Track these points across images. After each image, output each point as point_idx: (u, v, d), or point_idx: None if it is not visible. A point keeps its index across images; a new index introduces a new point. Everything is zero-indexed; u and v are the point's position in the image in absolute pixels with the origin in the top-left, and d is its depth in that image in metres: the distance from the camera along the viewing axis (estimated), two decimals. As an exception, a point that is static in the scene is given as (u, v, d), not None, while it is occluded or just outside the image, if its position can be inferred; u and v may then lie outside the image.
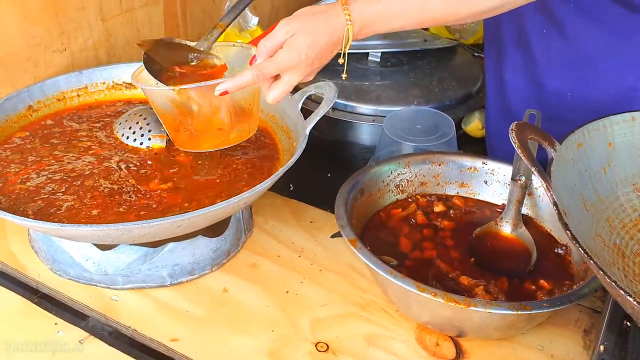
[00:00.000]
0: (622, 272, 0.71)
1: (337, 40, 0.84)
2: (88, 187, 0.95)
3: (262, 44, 0.84)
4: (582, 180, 0.76)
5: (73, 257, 0.94)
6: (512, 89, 1.19)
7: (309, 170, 1.16)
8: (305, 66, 0.84)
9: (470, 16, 0.86)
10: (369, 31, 0.85)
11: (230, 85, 0.85)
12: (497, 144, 1.28)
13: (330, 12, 0.83)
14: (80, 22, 1.19)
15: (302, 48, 0.82)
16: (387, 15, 0.84)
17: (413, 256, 0.94)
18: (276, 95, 0.86)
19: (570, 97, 1.11)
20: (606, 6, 0.87)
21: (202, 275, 0.96)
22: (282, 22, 0.84)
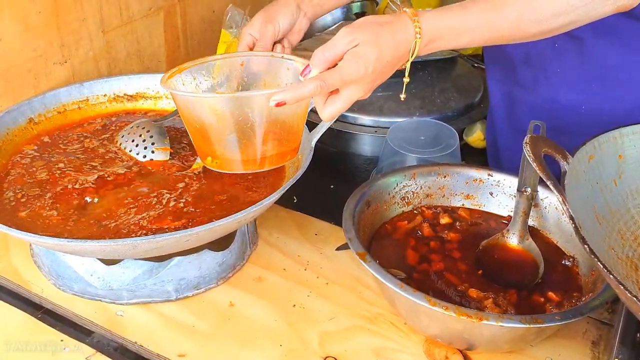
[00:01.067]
0: (636, 285, 0.71)
1: (402, 54, 0.78)
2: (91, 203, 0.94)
3: (320, 53, 0.76)
4: (594, 192, 0.76)
5: (77, 272, 0.92)
6: (522, 104, 1.19)
7: (312, 182, 1.15)
8: (370, 81, 0.77)
9: (539, 34, 0.84)
10: (435, 46, 0.81)
11: (290, 96, 0.75)
12: (503, 156, 1.27)
13: (398, 24, 0.77)
14: (81, 34, 1.19)
15: (369, 60, 0.75)
16: (457, 30, 0.80)
17: (421, 269, 0.93)
18: (333, 111, 0.79)
19: (584, 111, 1.10)
20: (618, 19, 0.87)
21: (208, 290, 0.95)
22: (343, 30, 0.77)
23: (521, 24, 0.81)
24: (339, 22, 1.70)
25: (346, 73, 0.76)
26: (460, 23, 0.80)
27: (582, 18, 0.82)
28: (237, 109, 0.81)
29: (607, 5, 0.82)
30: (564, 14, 0.81)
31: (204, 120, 0.83)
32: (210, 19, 1.47)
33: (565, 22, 0.82)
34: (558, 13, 0.81)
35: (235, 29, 1.33)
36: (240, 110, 0.81)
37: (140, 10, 1.29)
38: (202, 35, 1.47)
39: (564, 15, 0.81)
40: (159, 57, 1.37)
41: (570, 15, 0.81)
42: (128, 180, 0.99)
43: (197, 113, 0.83)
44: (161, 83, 0.86)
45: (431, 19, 0.78)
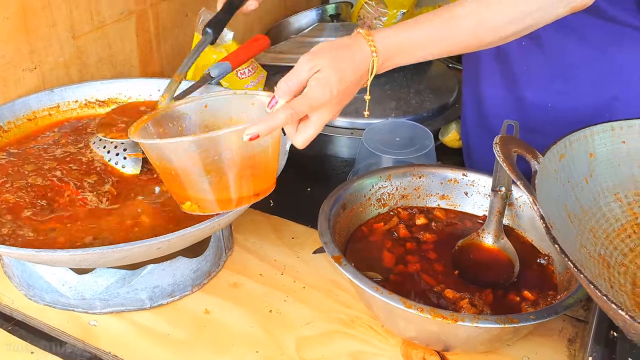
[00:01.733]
0: (608, 283, 0.71)
1: (363, 74, 0.80)
2: (62, 209, 0.93)
3: (284, 84, 0.78)
4: (566, 191, 0.76)
5: (49, 282, 0.91)
6: (491, 102, 1.20)
7: (288, 186, 1.14)
8: (336, 103, 0.79)
9: (496, 42, 0.84)
10: (392, 63, 0.82)
11: (263, 128, 0.76)
12: (476, 155, 1.28)
13: (355, 46, 0.79)
14: (51, 39, 1.17)
15: (333, 84, 0.77)
16: (412, 46, 0.81)
17: (397, 270, 0.93)
18: (306, 137, 0.80)
19: (550, 109, 1.11)
20: (582, 17, 0.88)
21: (182, 297, 0.94)
22: (303, 58, 0.79)
23: (476, 34, 0.82)
24: (313, 24, 1.70)
25: (313, 98, 0.78)
26: (415, 39, 0.81)
27: (536, 22, 0.83)
28: (209, 149, 0.80)
29: (560, 8, 0.82)
30: (518, 21, 0.82)
31: (176, 166, 0.81)
32: (183, 22, 1.46)
33: (520, 28, 0.83)
34: (511, 20, 0.82)
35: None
36: (212, 150, 0.80)
37: (111, 15, 1.28)
38: (175, 40, 1.45)
39: (517, 21, 0.82)
40: (132, 62, 1.36)
41: (524, 21, 0.82)
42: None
43: (169, 159, 0.81)
44: (129, 135, 0.84)
45: (385, 37, 0.80)
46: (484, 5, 0.81)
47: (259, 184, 0.85)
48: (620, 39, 1.03)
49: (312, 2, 2.00)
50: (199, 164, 0.80)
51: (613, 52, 1.04)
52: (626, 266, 0.75)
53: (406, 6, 1.80)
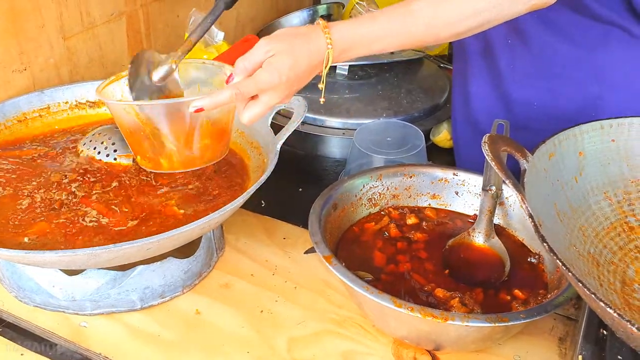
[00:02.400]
0: (597, 281, 0.71)
1: (317, 63, 0.82)
2: (52, 212, 0.92)
3: (240, 63, 0.81)
4: (555, 190, 0.77)
5: (39, 283, 0.90)
6: (478, 100, 1.20)
7: (280, 186, 1.14)
8: (285, 88, 0.81)
9: (450, 37, 0.86)
10: (350, 55, 0.84)
11: (207, 103, 0.81)
12: (465, 154, 1.28)
13: (312, 35, 0.81)
14: (41, 40, 1.16)
15: (283, 69, 0.79)
16: (368, 39, 0.83)
17: (388, 270, 0.93)
18: (252, 115, 0.83)
19: (536, 107, 1.12)
20: (569, 16, 0.88)
21: (173, 298, 0.94)
22: (262, 41, 0.82)
23: (431, 29, 0.83)
24: (305, 24, 1.70)
25: (261, 80, 0.80)
26: (370, 32, 0.83)
27: (493, 18, 0.84)
28: (164, 115, 0.89)
29: (518, 5, 0.83)
30: (473, 16, 0.83)
31: (134, 126, 0.90)
32: (174, 23, 1.46)
33: (475, 24, 0.84)
34: (466, 16, 0.83)
35: (199, 33, 1.31)
36: (169, 114, 0.89)
37: (101, 15, 1.27)
38: (166, 40, 1.45)
39: (472, 17, 0.83)
40: (122, 63, 1.35)
41: (479, 17, 0.83)
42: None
43: (127, 119, 0.90)
44: (96, 93, 0.93)
45: (342, 30, 0.82)
46: (439, 1, 0.83)
47: (211, 149, 0.93)
48: (607, 38, 1.04)
49: (303, 2, 2.00)
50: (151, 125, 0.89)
51: (599, 51, 1.04)
52: (615, 264, 0.76)
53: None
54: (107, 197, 0.96)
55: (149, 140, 0.91)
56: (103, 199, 0.95)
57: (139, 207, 0.95)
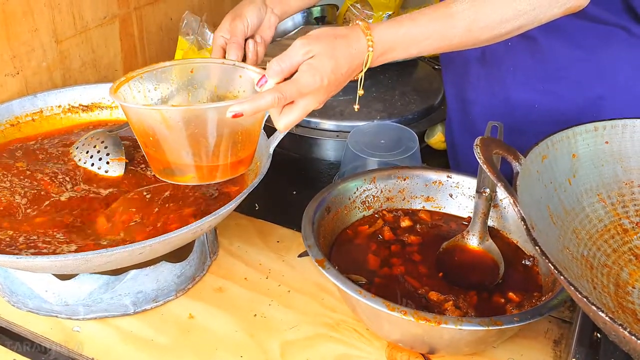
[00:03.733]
0: (590, 284, 0.71)
1: (357, 66, 0.80)
2: (44, 215, 0.92)
3: (276, 64, 0.77)
4: (548, 192, 0.76)
5: (31, 288, 0.90)
6: (477, 107, 1.20)
7: (273, 189, 1.14)
8: (325, 92, 0.78)
9: (489, 40, 0.85)
10: (389, 57, 0.82)
11: (246, 107, 0.75)
12: (461, 157, 1.28)
13: (352, 37, 0.79)
14: (33, 44, 1.16)
15: (325, 71, 0.76)
16: (408, 41, 0.81)
17: (382, 273, 0.93)
18: (289, 121, 0.79)
19: (537, 109, 1.11)
20: (569, 19, 0.89)
21: (166, 302, 0.94)
22: (299, 41, 0.78)
23: (471, 32, 0.82)
24: (299, 26, 1.69)
25: (303, 84, 0.76)
26: (411, 35, 0.81)
27: (531, 22, 0.84)
28: (192, 121, 0.80)
29: (555, 8, 0.83)
30: (513, 19, 0.82)
31: (157, 133, 0.81)
32: (167, 26, 1.45)
33: (514, 27, 0.83)
34: (507, 19, 0.82)
35: (192, 35, 1.31)
36: (195, 121, 0.80)
37: (94, 19, 1.27)
38: (159, 43, 1.45)
39: (512, 20, 0.82)
40: (116, 66, 1.35)
41: (519, 20, 0.83)
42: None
43: (150, 125, 0.81)
44: (110, 94, 0.84)
45: (383, 31, 0.80)
46: (479, 3, 0.81)
47: (237, 160, 0.85)
48: (608, 39, 1.04)
49: (298, 5, 2.00)
50: (176, 133, 0.80)
51: (600, 52, 1.04)
52: (609, 267, 0.75)
53: (392, 8, 1.80)
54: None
55: (172, 150, 0.83)
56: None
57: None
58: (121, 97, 0.85)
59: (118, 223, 0.91)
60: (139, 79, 0.88)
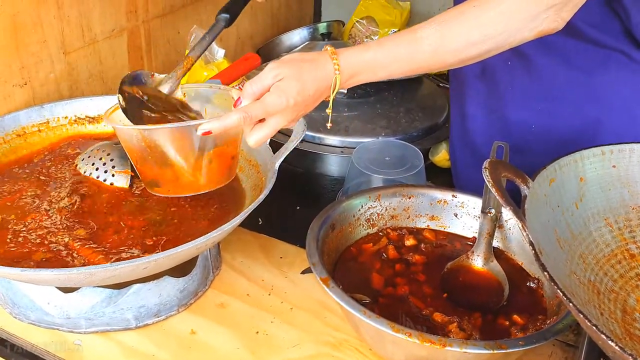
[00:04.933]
0: (598, 310, 0.70)
1: (324, 88, 0.83)
2: (47, 227, 0.92)
3: (249, 87, 0.82)
4: (555, 216, 0.76)
5: (33, 300, 0.90)
6: (475, 122, 1.20)
7: (277, 204, 1.13)
8: (292, 111, 0.82)
9: (457, 63, 0.86)
10: (356, 80, 0.85)
11: (215, 126, 0.82)
12: (463, 175, 1.28)
13: (320, 61, 0.83)
14: (42, 55, 1.16)
15: (291, 93, 0.80)
16: (375, 65, 0.84)
17: (386, 293, 0.92)
18: (258, 138, 0.83)
19: (534, 129, 1.12)
20: (568, 40, 0.89)
21: (168, 317, 0.93)
22: (270, 65, 0.83)
23: (438, 55, 0.84)
24: (306, 42, 1.70)
25: (269, 104, 0.81)
26: (377, 59, 0.84)
27: (500, 45, 0.84)
28: (169, 138, 0.88)
29: (525, 32, 0.83)
30: (480, 43, 0.83)
31: (140, 149, 0.90)
32: (175, 39, 1.46)
33: (482, 51, 0.84)
34: (473, 42, 0.83)
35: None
36: (176, 139, 0.88)
37: (102, 31, 1.27)
38: (166, 56, 1.45)
39: (479, 44, 0.83)
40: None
41: (486, 44, 0.83)
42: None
43: (133, 143, 0.90)
44: (104, 118, 0.94)
45: (349, 56, 0.83)
46: (446, 28, 0.83)
47: (217, 172, 0.93)
48: (606, 62, 1.04)
49: (303, 20, 2.01)
50: (160, 149, 0.88)
51: (598, 75, 1.04)
52: (616, 293, 0.75)
53: (397, 25, 1.81)
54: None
55: (157, 164, 0.90)
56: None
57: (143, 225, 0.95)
58: (116, 121, 0.93)
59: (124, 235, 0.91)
60: None
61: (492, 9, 0.82)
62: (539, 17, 0.82)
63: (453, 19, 0.83)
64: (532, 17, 0.82)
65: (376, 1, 1.81)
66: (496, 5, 0.82)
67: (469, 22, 0.83)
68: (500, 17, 0.82)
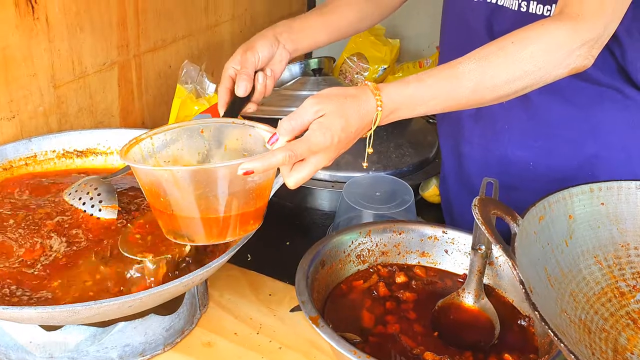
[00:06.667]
0: (589, 349, 0.70)
1: (366, 125, 0.81)
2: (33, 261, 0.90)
3: (287, 123, 0.78)
4: (545, 254, 0.76)
5: (15, 339, 0.87)
6: (472, 162, 1.20)
7: (267, 239, 1.12)
8: (335, 149, 0.79)
9: (495, 99, 0.86)
10: (396, 116, 0.84)
11: (259, 165, 0.76)
12: (456, 212, 1.28)
13: (362, 97, 0.80)
14: (31, 89, 1.16)
15: (335, 130, 0.77)
16: (415, 101, 0.83)
17: (376, 331, 0.91)
18: (299, 178, 0.79)
19: (532, 167, 1.12)
20: (566, 79, 0.90)
21: (154, 356, 0.91)
22: (310, 100, 0.79)
23: (477, 92, 0.83)
24: (297, 77, 1.71)
25: (314, 143, 0.77)
26: (418, 95, 0.83)
27: (537, 82, 0.85)
28: (203, 180, 0.80)
29: (560, 69, 0.84)
30: (519, 80, 0.83)
31: (168, 193, 0.81)
32: (166, 73, 1.46)
33: (520, 87, 0.84)
34: (513, 79, 0.83)
35: (191, 84, 1.32)
36: (206, 180, 0.80)
37: (93, 64, 1.28)
38: (157, 90, 1.45)
39: (518, 80, 0.83)
40: (112, 112, 1.35)
41: (525, 80, 0.84)
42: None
43: (160, 186, 0.81)
44: (121, 156, 0.83)
45: (391, 92, 0.82)
46: (486, 63, 0.83)
47: (247, 219, 0.85)
48: (601, 99, 1.05)
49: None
50: (190, 193, 0.79)
51: (594, 111, 1.05)
52: (607, 331, 0.74)
53: (387, 62, 1.82)
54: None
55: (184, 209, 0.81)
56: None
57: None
58: (131, 159, 0.85)
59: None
60: (149, 140, 0.88)
61: (532, 45, 0.82)
62: (574, 53, 0.83)
63: (493, 55, 0.83)
64: (568, 54, 0.83)
65: (366, 38, 1.83)
66: (535, 42, 0.82)
67: (509, 57, 0.82)
68: (540, 53, 0.82)
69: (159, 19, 1.40)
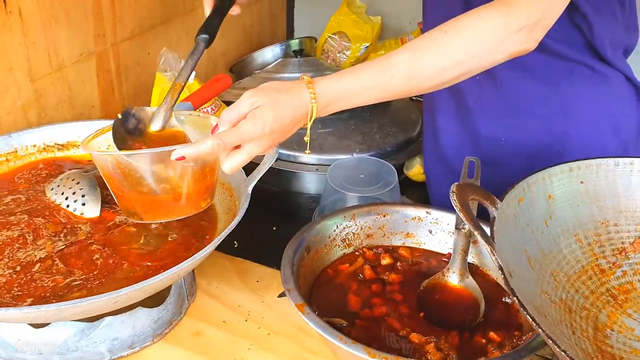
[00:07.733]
0: (569, 329, 0.71)
1: (301, 117, 0.84)
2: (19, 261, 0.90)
3: (226, 114, 0.83)
4: (525, 236, 0.76)
5: (3, 337, 0.88)
6: (446, 136, 1.21)
7: (253, 225, 1.12)
8: (268, 139, 0.83)
9: (430, 88, 0.87)
10: (333, 108, 0.86)
11: (189, 151, 0.82)
12: (437, 188, 1.29)
13: (296, 90, 0.83)
14: (8, 84, 1.15)
15: (266, 121, 0.81)
16: (350, 93, 0.85)
17: (363, 315, 0.92)
18: (233, 164, 0.84)
19: (504, 143, 1.13)
20: (533, 55, 0.90)
21: (143, 348, 0.92)
22: (247, 93, 0.83)
23: (411, 81, 0.85)
24: (278, 59, 1.70)
25: (244, 132, 0.82)
26: (353, 86, 0.85)
27: (472, 68, 0.85)
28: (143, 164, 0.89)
29: (497, 54, 0.84)
30: (452, 68, 0.84)
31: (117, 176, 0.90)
32: (145, 61, 1.45)
33: (455, 75, 0.85)
34: (445, 68, 0.84)
35: (170, 72, 1.31)
36: (146, 164, 0.89)
37: (70, 56, 1.26)
38: (137, 79, 1.44)
39: (451, 68, 0.84)
40: (92, 103, 1.34)
41: (458, 68, 0.84)
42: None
43: (109, 169, 0.90)
44: (82, 146, 0.93)
45: (325, 85, 0.84)
46: (418, 54, 0.84)
47: (193, 199, 0.93)
48: (571, 75, 1.05)
49: (276, 37, 2.01)
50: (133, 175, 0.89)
51: (564, 87, 1.06)
52: (587, 310, 0.75)
53: (369, 40, 1.81)
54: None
55: (134, 191, 0.91)
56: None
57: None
58: (95, 148, 0.93)
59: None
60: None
61: (462, 34, 0.83)
62: (510, 39, 0.83)
63: (425, 46, 0.84)
64: (502, 40, 0.83)
65: (347, 17, 1.82)
66: (466, 30, 0.83)
67: (440, 47, 0.83)
68: (470, 42, 0.83)
69: (135, 6, 1.38)
